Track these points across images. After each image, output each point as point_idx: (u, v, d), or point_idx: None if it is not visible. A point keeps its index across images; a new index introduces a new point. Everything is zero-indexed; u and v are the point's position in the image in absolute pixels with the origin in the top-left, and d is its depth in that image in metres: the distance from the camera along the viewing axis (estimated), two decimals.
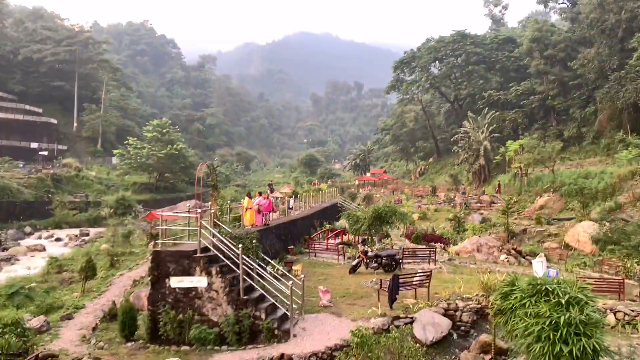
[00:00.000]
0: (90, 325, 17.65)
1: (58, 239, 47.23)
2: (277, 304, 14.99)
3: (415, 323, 15.05)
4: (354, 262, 22.13)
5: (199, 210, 15.17)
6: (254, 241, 16.09)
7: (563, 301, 10.57)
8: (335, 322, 15.24)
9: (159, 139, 79.29)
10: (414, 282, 17.08)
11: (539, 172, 57.97)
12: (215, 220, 16.14)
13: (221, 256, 14.82)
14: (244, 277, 14.58)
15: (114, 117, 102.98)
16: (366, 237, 24.15)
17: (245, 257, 14.65)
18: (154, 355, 13.63)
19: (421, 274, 17.34)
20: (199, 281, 14.59)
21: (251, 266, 15.19)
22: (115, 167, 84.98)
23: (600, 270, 28.59)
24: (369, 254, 22.11)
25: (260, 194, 24.90)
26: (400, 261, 22.57)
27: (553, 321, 10.34)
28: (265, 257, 16.45)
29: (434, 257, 24.83)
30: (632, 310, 17.38)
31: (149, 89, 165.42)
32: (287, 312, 14.72)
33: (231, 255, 14.78)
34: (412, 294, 17.37)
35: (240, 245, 14.66)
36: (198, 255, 14.70)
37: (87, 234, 48.46)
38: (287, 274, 16.10)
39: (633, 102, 53.98)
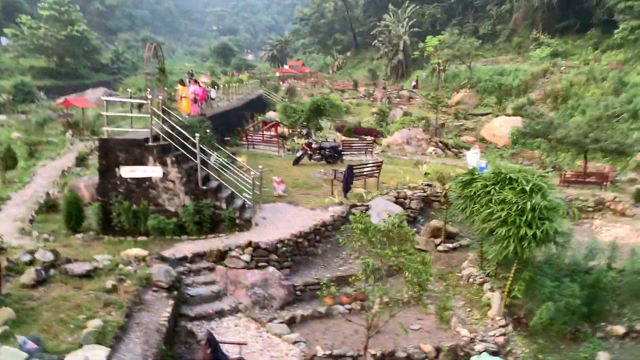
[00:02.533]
0: (25, 217, 16.49)
1: None
2: (236, 193, 14.75)
3: (370, 210, 15.55)
4: (298, 154, 22.08)
5: (149, 96, 14.07)
6: (207, 130, 15.41)
7: (527, 188, 11.25)
8: (294, 211, 15.39)
9: (57, 18, 71.38)
10: (365, 173, 17.43)
11: (455, 68, 59.60)
12: (164, 107, 15.11)
13: (176, 145, 14.08)
14: (202, 166, 14.07)
15: None
16: (309, 130, 23.99)
17: (202, 146, 14.04)
18: (112, 246, 13.10)
19: (372, 165, 17.69)
20: (153, 171, 13.86)
21: (207, 156, 14.67)
22: (7, 49, 76.32)
23: (517, 162, 30.83)
24: (313, 145, 22.10)
25: (195, 81, 23.58)
26: (343, 153, 22.83)
27: (519, 207, 11.04)
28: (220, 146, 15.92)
29: (371, 149, 25.37)
30: (555, 198, 19.03)
31: None
32: (247, 202, 14.59)
33: (187, 145, 14.11)
34: (361, 183, 17.80)
35: (197, 134, 13.97)
36: (151, 144, 13.85)
37: None
38: (241, 161, 15.72)
39: (548, 1, 55.66)
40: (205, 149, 14.29)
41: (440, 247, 14.92)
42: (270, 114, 40.44)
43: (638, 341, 12.51)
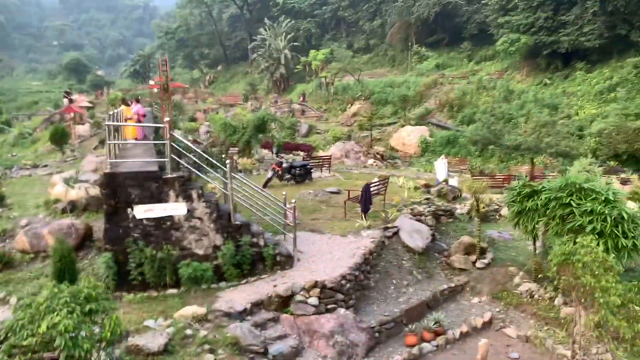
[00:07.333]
0: None
1: None
2: (273, 224, 12.78)
3: (401, 232, 14.53)
4: (269, 175, 20.13)
5: (167, 119, 11.60)
6: (222, 156, 13.22)
7: (611, 198, 11.10)
8: (325, 240, 13.78)
9: None
10: (372, 191, 16.33)
11: (338, 81, 60.54)
12: (171, 132, 12.57)
13: (203, 175, 11.79)
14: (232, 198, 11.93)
15: None
16: (279, 148, 21.96)
17: (234, 176, 11.93)
18: (141, 305, 10.43)
19: (379, 182, 16.66)
20: (175, 208, 11.42)
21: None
22: None
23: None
24: (284, 165, 20.34)
25: (137, 100, 20.57)
26: (312, 171, 21.39)
27: (613, 217, 10.82)
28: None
29: (327, 166, 24.20)
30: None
31: None
32: (286, 234, 12.74)
33: (213, 173, 11.91)
34: None
35: (227, 162, 11.82)
36: (170, 175, 11.40)
37: None
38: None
39: (423, 17, 59.06)
40: (237, 176, 12.16)
41: (478, 264, 14.31)
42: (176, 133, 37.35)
43: None
